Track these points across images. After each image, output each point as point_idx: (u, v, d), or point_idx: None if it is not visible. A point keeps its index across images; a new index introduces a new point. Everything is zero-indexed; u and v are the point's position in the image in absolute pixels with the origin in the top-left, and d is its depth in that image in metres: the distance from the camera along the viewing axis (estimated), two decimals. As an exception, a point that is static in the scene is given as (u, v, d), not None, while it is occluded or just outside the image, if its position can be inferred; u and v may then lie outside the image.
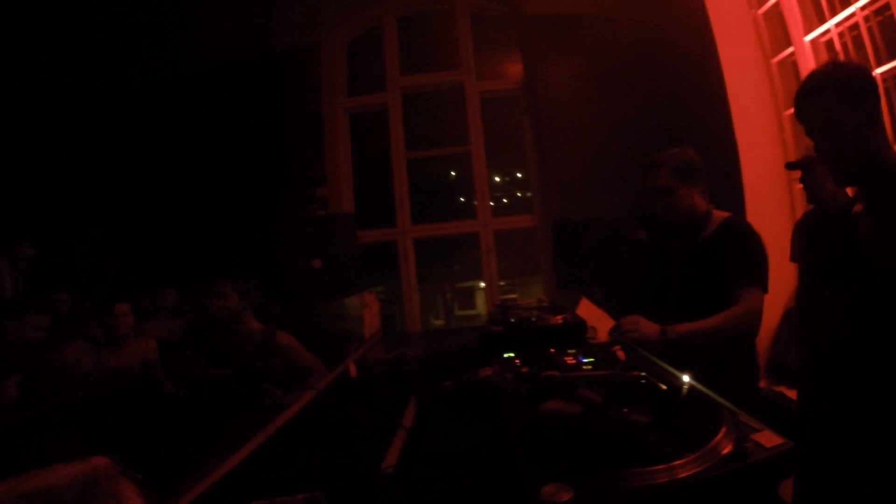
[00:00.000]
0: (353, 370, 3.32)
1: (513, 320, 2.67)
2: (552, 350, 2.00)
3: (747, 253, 2.30)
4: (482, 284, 8.70)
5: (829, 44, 4.10)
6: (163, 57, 6.97)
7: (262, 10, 6.73)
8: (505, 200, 8.11)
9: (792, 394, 3.53)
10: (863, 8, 3.74)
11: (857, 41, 3.89)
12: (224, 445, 2.14)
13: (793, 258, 3.14)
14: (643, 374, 1.42)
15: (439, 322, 8.35)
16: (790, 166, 2.95)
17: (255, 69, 7.01)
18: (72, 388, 3.14)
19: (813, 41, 4.19)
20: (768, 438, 1.09)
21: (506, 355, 2.01)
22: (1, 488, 1.89)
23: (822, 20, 4.09)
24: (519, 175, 8.29)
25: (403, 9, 7.37)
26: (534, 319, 2.70)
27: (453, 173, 8.42)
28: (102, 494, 2.01)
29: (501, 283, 7.00)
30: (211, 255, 5.52)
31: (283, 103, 6.91)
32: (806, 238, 2.84)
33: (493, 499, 1.65)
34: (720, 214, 2.46)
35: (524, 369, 1.70)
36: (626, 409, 1.26)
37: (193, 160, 6.97)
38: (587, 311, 3.62)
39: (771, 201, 4.46)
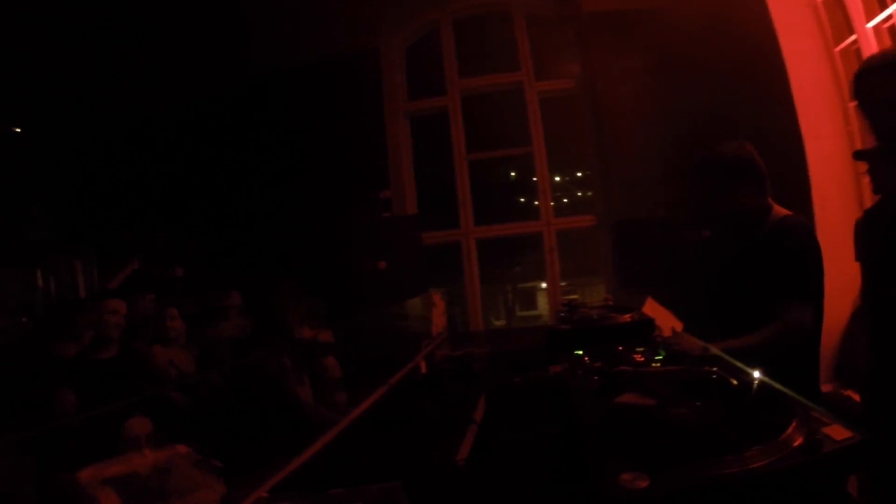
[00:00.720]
0: (423, 367, 3.41)
1: (580, 319, 2.71)
2: (620, 348, 2.04)
3: (797, 263, 2.14)
4: (543, 285, 8.70)
5: (893, 29, 3.94)
6: (227, 65, 7.30)
7: (321, 18, 6.94)
8: (565, 200, 8.09)
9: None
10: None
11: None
12: (299, 438, 2.25)
13: (857, 257, 3.00)
14: (714, 369, 1.46)
15: (500, 322, 8.39)
16: (857, 155, 2.83)
17: (317, 75, 7.22)
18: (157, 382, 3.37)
19: (876, 27, 4.02)
20: (838, 432, 1.12)
21: (575, 353, 2.06)
22: (86, 472, 2.06)
23: (884, 6, 3.92)
24: (579, 174, 8.25)
25: (459, 12, 7.45)
26: (601, 318, 2.74)
27: (513, 174, 8.47)
28: (183, 480, 2.16)
29: (563, 284, 6.98)
30: (278, 259, 5.74)
31: (345, 109, 7.09)
32: (868, 234, 2.72)
33: (562, 488, 1.71)
34: (779, 212, 2.33)
35: (596, 365, 1.75)
36: (698, 403, 1.31)
37: (259, 166, 7.25)
38: (652, 310, 3.60)
39: (838, 196, 4.30)
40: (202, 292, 4.51)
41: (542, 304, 9.09)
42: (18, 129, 9.78)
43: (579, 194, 8.21)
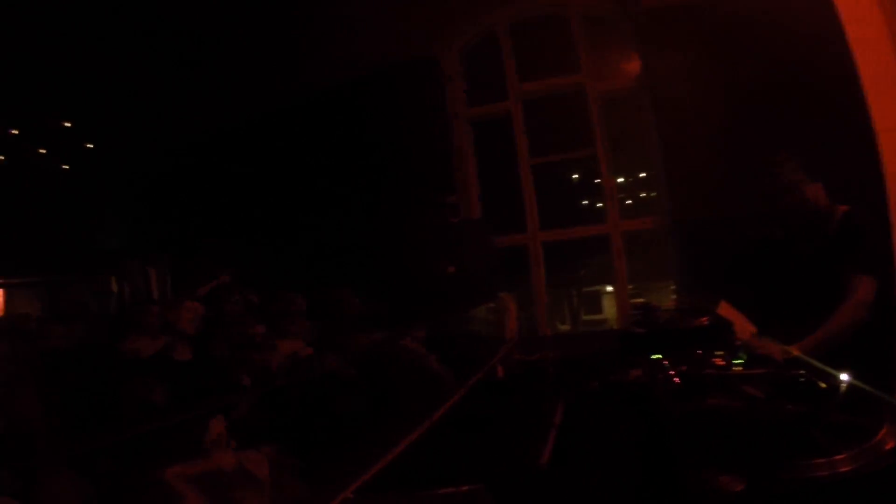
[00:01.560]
0: (500, 370, 3.47)
1: (654, 322, 2.73)
2: (699, 351, 2.06)
3: (859, 241, 2.32)
4: (609, 289, 8.63)
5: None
6: (292, 78, 7.60)
7: (380, 27, 7.11)
8: (629, 202, 8.00)
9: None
10: None
11: None
12: (377, 438, 2.33)
13: None
14: (802, 371, 1.48)
15: (565, 327, 8.36)
16: None
17: (379, 85, 7.41)
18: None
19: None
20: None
21: (653, 356, 2.09)
22: (172, 470, 2.20)
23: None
24: (642, 175, 8.16)
25: (515, 15, 7.47)
26: (676, 321, 2.74)
27: (575, 176, 8.45)
28: (265, 479, 2.29)
29: (629, 288, 6.91)
30: (348, 265, 5.91)
31: (408, 116, 7.25)
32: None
33: (645, 492, 1.74)
34: (839, 209, 2.44)
35: (682, 368, 1.79)
36: (788, 406, 1.33)
37: (327, 176, 7.49)
38: (725, 312, 3.55)
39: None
40: (270, 297, 4.68)
41: (608, 309, 9.00)
42: (69, 124, 10.37)
43: (643, 195, 8.11)
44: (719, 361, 1.92)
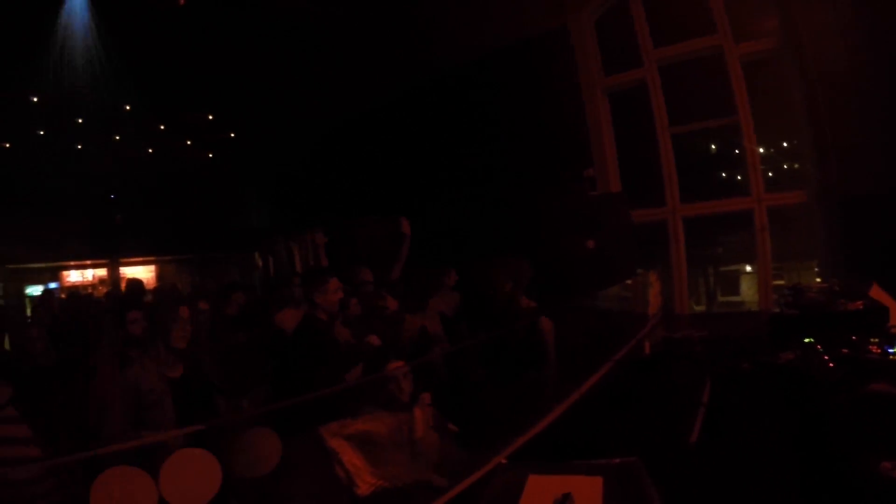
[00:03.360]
0: (647, 347, 3.53)
1: (807, 304, 2.71)
2: (854, 337, 2.06)
3: None
4: (748, 268, 8.24)
5: None
6: (425, 59, 7.88)
7: (508, 4, 7.17)
8: (770, 174, 7.57)
9: None
10: None
11: None
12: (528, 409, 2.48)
13: None
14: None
15: (700, 307, 8.08)
16: None
17: (510, 59, 7.50)
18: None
19: None
20: None
21: (806, 340, 2.12)
22: (330, 427, 2.44)
23: None
24: (784, 144, 7.68)
25: (645, -23, 7.23)
26: (830, 304, 2.71)
27: (713, 146, 8.10)
28: (421, 441, 2.50)
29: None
30: (487, 237, 6.06)
31: (542, 90, 7.28)
32: None
33: (801, 476, 1.79)
34: None
35: (841, 352, 1.82)
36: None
37: (462, 153, 7.72)
38: (878, 296, 3.40)
39: None
40: (418, 270, 4.97)
41: (746, 290, 8.55)
42: (211, 117, 11.32)
43: (785, 167, 7.64)
44: (875, 348, 1.91)
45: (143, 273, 14.15)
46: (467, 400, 2.78)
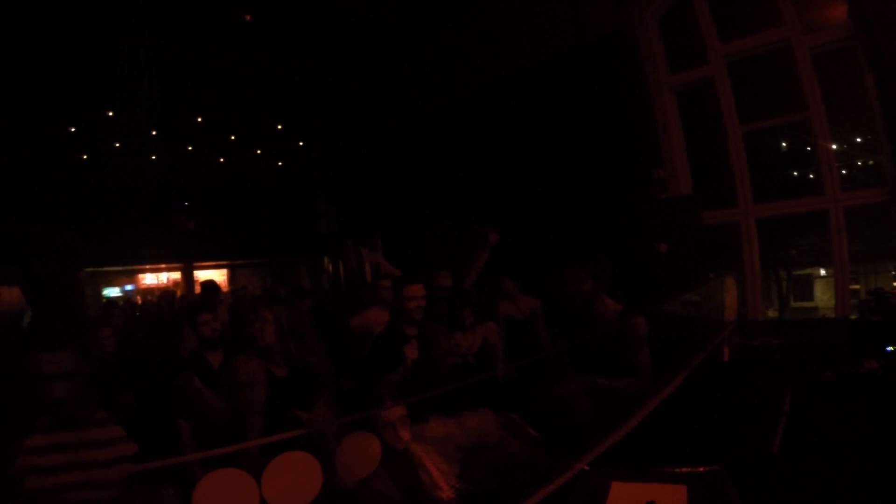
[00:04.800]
0: (726, 353, 3.47)
1: (891, 310, 2.62)
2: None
3: None
4: (822, 272, 7.95)
5: None
6: (491, 65, 7.93)
7: (570, 6, 7.15)
8: (843, 171, 7.27)
9: None
10: None
11: None
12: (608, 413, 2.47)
13: None
14: None
15: (773, 313, 7.83)
16: None
17: (575, 61, 7.43)
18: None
19: None
20: None
21: (889, 348, 2.07)
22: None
23: None
24: (858, 140, 7.37)
25: (709, -31, 7.05)
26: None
27: (783, 144, 7.85)
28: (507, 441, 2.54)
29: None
30: (561, 240, 6.03)
31: (607, 91, 7.20)
32: None
33: (883, 489, 1.75)
34: None
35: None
36: None
37: (529, 157, 7.74)
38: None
39: None
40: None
41: (819, 295, 8.19)
42: (279, 126, 11.69)
43: (859, 163, 7.33)
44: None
45: (215, 277, 14.74)
46: (548, 405, 2.80)
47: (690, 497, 1.53)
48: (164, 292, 7.61)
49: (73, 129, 10.46)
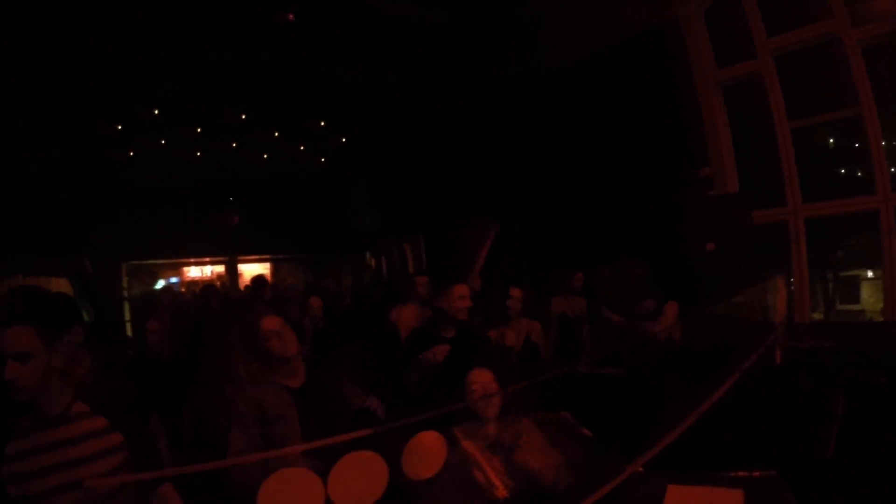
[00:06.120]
0: (778, 356, 3.42)
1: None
2: None
3: None
4: (869, 274, 7.70)
5: None
6: (529, 60, 7.89)
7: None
8: (893, 170, 7.05)
9: None
10: None
11: None
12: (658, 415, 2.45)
13: None
14: None
15: (818, 315, 7.61)
16: None
17: (619, 56, 7.31)
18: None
19: None
20: None
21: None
22: (463, 428, 2.45)
23: None
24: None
25: (756, -39, 6.87)
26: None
27: (831, 141, 7.63)
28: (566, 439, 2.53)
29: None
30: (606, 238, 5.98)
31: (651, 87, 7.07)
32: None
33: None
34: None
35: None
36: None
37: (572, 153, 7.68)
38: None
39: None
40: (542, 273, 5.04)
41: (867, 297, 7.94)
42: (322, 123, 11.83)
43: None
44: None
45: (258, 270, 15.09)
46: (602, 405, 2.79)
47: (747, 501, 1.53)
48: (207, 286, 7.72)
49: (119, 128, 10.74)
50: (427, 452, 1.47)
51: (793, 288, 5.95)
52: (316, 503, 1.29)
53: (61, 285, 12.63)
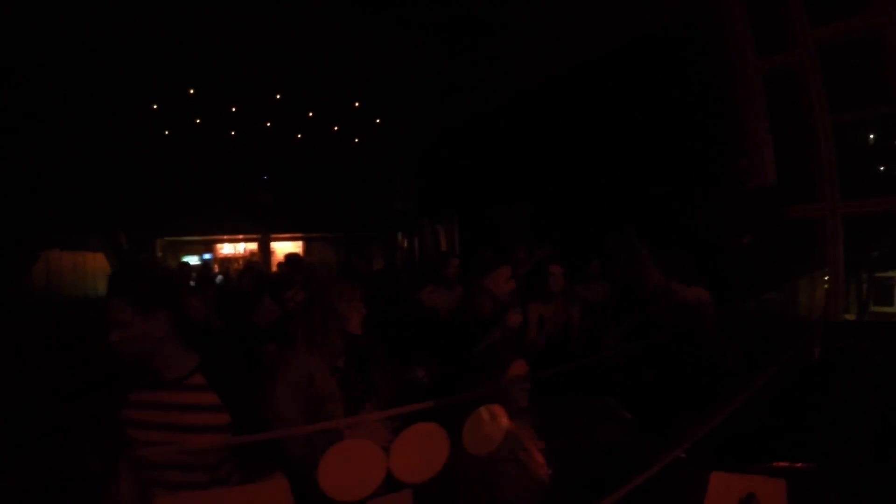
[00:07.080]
0: (816, 353, 3.40)
1: None
2: None
3: None
4: (904, 276, 7.51)
5: None
6: (567, 47, 7.80)
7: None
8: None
9: None
10: None
11: None
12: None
13: None
14: None
15: (850, 316, 7.45)
16: None
17: (657, 43, 7.17)
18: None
19: None
20: None
21: None
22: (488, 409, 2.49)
23: None
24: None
25: (798, -52, 6.67)
26: None
27: (871, 136, 7.48)
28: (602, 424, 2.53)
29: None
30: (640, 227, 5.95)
31: (690, 76, 6.95)
32: None
33: None
34: None
35: None
36: None
37: (608, 141, 7.61)
38: None
39: None
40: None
41: None
42: (357, 104, 11.86)
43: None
44: None
45: (291, 248, 15.31)
46: (640, 390, 2.79)
47: (790, 492, 1.54)
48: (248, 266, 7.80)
49: (155, 107, 10.90)
50: (486, 428, 1.48)
51: (826, 287, 5.81)
52: (378, 475, 1.30)
53: (98, 259, 13.02)
